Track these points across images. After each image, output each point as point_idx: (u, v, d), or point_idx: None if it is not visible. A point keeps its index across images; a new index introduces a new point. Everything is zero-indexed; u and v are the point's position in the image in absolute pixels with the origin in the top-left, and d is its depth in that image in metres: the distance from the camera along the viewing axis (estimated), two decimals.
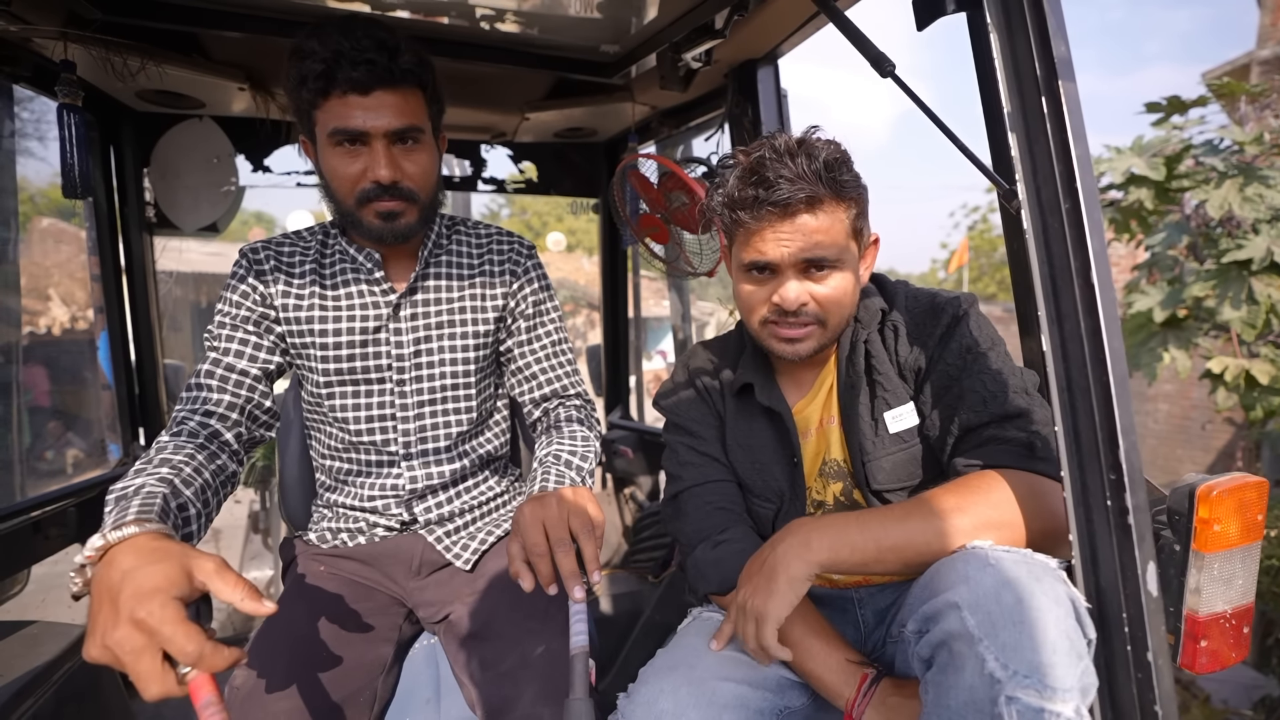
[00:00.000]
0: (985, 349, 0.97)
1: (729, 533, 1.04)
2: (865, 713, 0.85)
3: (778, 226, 0.94)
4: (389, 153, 1.05)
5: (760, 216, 0.94)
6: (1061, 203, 0.75)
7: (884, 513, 0.87)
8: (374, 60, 1.00)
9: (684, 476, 1.10)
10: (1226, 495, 0.80)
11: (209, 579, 0.69)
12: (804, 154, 0.93)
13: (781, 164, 0.92)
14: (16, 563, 1.49)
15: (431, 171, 1.12)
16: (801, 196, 0.92)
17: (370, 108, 1.02)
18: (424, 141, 1.09)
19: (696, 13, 1.41)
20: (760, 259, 0.96)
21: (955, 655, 0.71)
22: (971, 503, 0.84)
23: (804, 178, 0.92)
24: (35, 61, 1.48)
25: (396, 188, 1.06)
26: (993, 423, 0.93)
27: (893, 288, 1.09)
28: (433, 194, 1.14)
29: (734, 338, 1.18)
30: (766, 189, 0.92)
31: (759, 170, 0.94)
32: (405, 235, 1.11)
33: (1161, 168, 3.18)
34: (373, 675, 1.05)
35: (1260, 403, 2.99)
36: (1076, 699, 0.67)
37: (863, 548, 0.83)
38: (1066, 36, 0.76)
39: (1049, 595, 0.70)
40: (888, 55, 1.01)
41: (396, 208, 1.08)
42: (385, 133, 1.03)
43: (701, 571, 1.03)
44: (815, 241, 0.94)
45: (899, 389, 1.02)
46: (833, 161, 0.94)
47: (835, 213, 0.95)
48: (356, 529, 1.19)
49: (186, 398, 1.06)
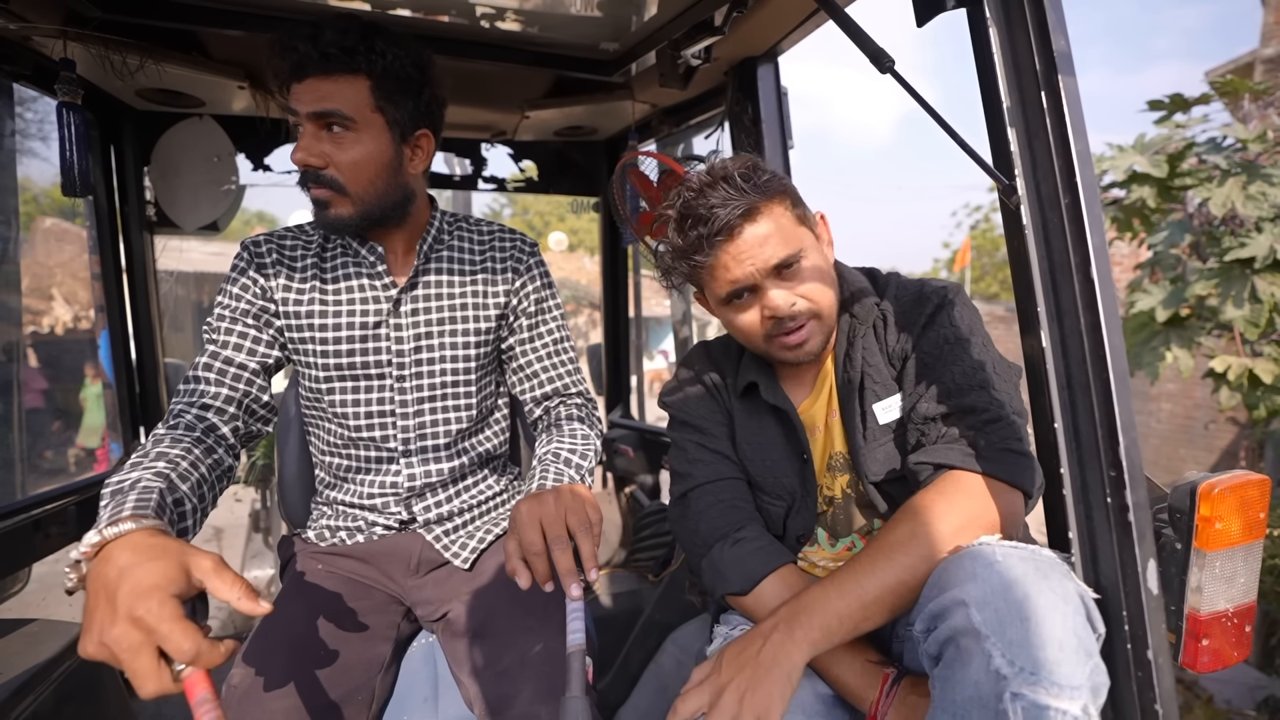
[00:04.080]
0: (963, 338, 0.97)
1: (747, 530, 1.03)
2: (888, 713, 0.85)
3: (731, 250, 0.96)
4: (313, 137, 1.04)
5: (713, 250, 0.97)
6: (1061, 198, 0.75)
7: (855, 568, 0.85)
8: (297, 48, 1.01)
9: (694, 474, 1.09)
10: (1228, 493, 0.79)
11: (206, 577, 0.69)
12: (718, 179, 0.96)
13: (704, 197, 0.96)
14: (17, 561, 1.49)
15: (365, 164, 1.06)
16: (738, 212, 0.94)
17: (303, 92, 1.03)
18: (355, 130, 1.05)
19: (696, 10, 1.41)
20: (734, 285, 0.98)
21: (962, 651, 0.71)
22: (923, 526, 0.85)
23: (730, 197, 0.95)
24: (35, 60, 1.48)
25: (319, 175, 1.05)
26: (952, 415, 0.93)
27: (884, 279, 1.10)
28: (372, 189, 1.08)
29: (735, 339, 1.18)
30: (705, 224, 0.95)
31: (689, 213, 0.97)
32: (334, 227, 1.09)
33: (1164, 165, 3.16)
34: (370, 674, 1.05)
35: (1263, 402, 2.98)
36: (1085, 697, 0.67)
37: (849, 614, 0.83)
38: (1066, 31, 0.75)
39: (1056, 592, 0.70)
40: (886, 51, 1.01)
41: (322, 196, 1.06)
42: (307, 115, 1.03)
43: (721, 572, 1.00)
44: (772, 245, 0.96)
45: (888, 379, 1.02)
46: (746, 171, 0.97)
47: (773, 211, 0.98)
48: (355, 527, 1.19)
49: (184, 390, 1.06)
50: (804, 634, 0.82)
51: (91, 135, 1.73)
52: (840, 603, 0.83)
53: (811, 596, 0.85)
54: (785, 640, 0.82)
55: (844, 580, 0.85)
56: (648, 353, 11.14)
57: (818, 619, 0.83)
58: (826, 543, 1.09)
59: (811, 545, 1.10)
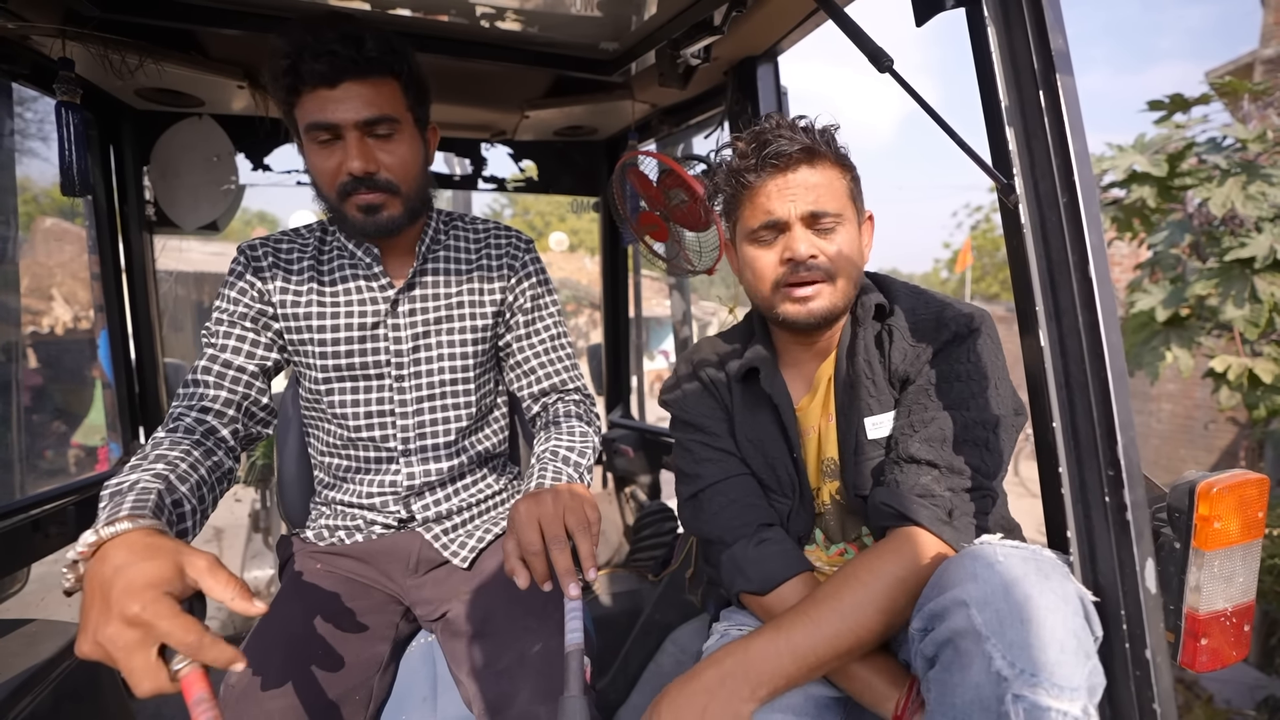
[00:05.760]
0: (973, 377, 0.94)
1: (771, 531, 1.02)
2: (914, 714, 0.84)
3: (780, 181, 0.99)
4: (362, 144, 1.04)
5: (762, 173, 1.00)
6: (1059, 197, 0.75)
7: (807, 620, 0.84)
8: (336, 51, 1.00)
9: (703, 474, 1.08)
10: (1227, 492, 0.79)
11: (201, 576, 0.69)
12: (798, 123, 1.02)
13: (778, 129, 1.01)
14: (16, 561, 1.49)
15: (411, 162, 1.10)
16: (799, 149, 0.98)
17: (339, 99, 1.01)
18: (401, 131, 1.07)
19: (695, 9, 1.41)
20: (768, 217, 1.00)
21: (961, 653, 0.71)
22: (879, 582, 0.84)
23: (799, 136, 0.99)
24: (33, 59, 1.48)
25: (373, 180, 1.06)
26: (938, 467, 0.91)
27: (894, 289, 1.07)
28: (417, 186, 1.12)
29: (741, 328, 1.18)
30: (766, 147, 0.99)
31: (758, 138, 1.01)
32: (389, 229, 1.10)
33: (1164, 165, 3.16)
34: (369, 673, 1.05)
35: (1263, 402, 2.97)
36: (1084, 698, 0.67)
37: (799, 673, 0.83)
38: (1064, 30, 0.75)
39: (1057, 593, 0.70)
40: (885, 50, 1.00)
41: (376, 200, 1.07)
42: (355, 123, 1.03)
43: (742, 569, 0.98)
44: (817, 194, 0.98)
45: (884, 394, 1.00)
46: (826, 129, 1.02)
47: (831, 172, 1.01)
48: (354, 526, 1.19)
49: (183, 394, 1.06)
50: (752, 691, 0.82)
51: (91, 135, 1.73)
52: (791, 663, 0.82)
53: (761, 651, 0.84)
54: (732, 698, 0.81)
55: (795, 634, 0.83)
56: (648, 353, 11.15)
57: (768, 678, 0.82)
58: (823, 544, 1.09)
59: (810, 545, 1.10)
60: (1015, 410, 0.96)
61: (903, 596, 0.83)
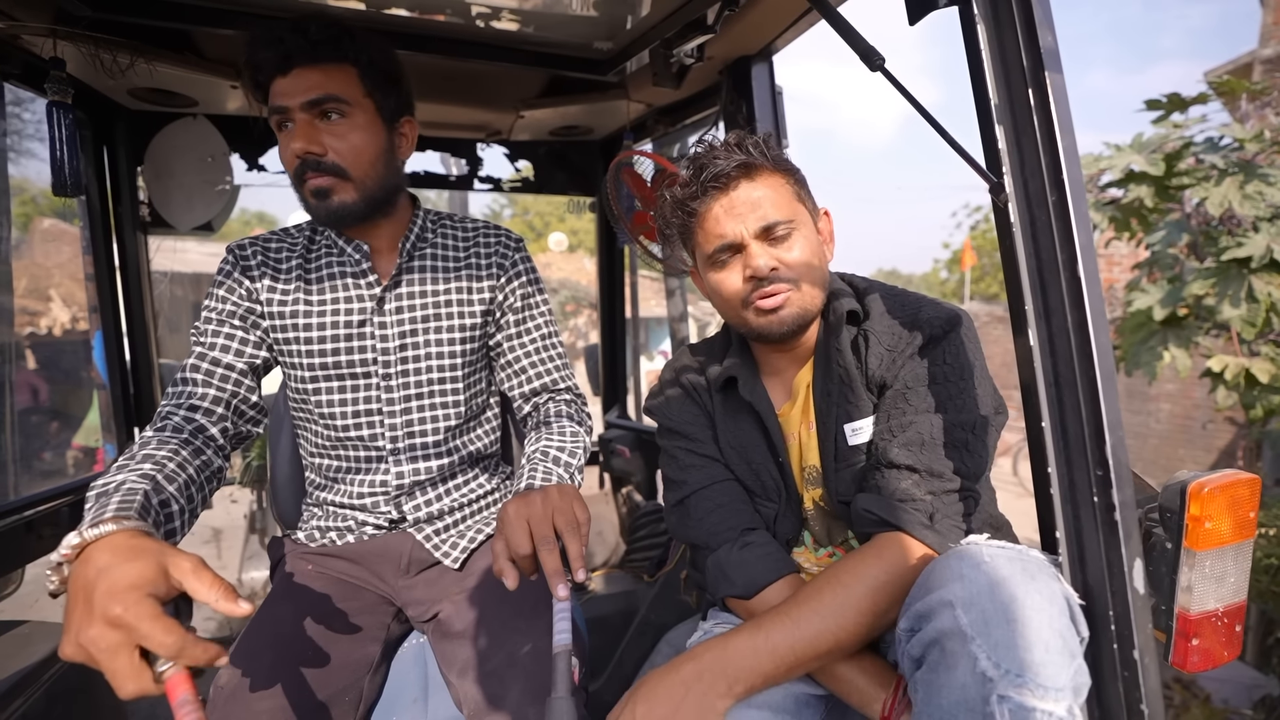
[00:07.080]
0: (950, 379, 0.94)
1: (755, 535, 1.02)
2: (901, 714, 0.84)
3: (725, 202, 0.99)
4: (309, 126, 1.05)
5: (705, 197, 1.00)
6: (1048, 196, 0.75)
7: (788, 620, 0.84)
8: (284, 38, 1.02)
9: (688, 480, 1.08)
10: (1218, 492, 0.79)
11: (185, 577, 0.69)
12: (730, 142, 1.02)
13: (712, 152, 1.01)
14: (10, 562, 1.48)
15: (365, 148, 1.08)
16: (735, 165, 0.98)
17: (290, 83, 1.04)
18: (352, 116, 1.07)
19: (687, 8, 1.40)
20: (721, 240, 0.99)
21: (947, 654, 0.70)
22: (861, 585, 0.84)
23: (733, 152, 0.99)
24: (24, 59, 1.48)
25: (320, 162, 1.05)
26: (918, 471, 0.91)
27: (867, 291, 1.05)
28: (375, 174, 1.10)
29: (720, 336, 1.17)
30: (704, 171, 0.99)
31: (695, 163, 1.01)
32: (341, 214, 1.09)
33: (1161, 165, 3.16)
34: (359, 674, 1.05)
35: (1260, 401, 2.97)
36: (1069, 698, 0.66)
37: (776, 672, 0.83)
38: (1054, 27, 0.75)
39: (1043, 593, 0.70)
40: (877, 49, 1.00)
41: (325, 184, 1.06)
42: (301, 105, 1.04)
43: (726, 574, 0.99)
44: (763, 207, 0.98)
45: (862, 400, 0.99)
46: (760, 140, 1.01)
47: (774, 180, 1.00)
48: (345, 527, 1.19)
49: (172, 393, 1.06)
50: (728, 687, 0.82)
51: (83, 135, 1.73)
52: (769, 662, 0.82)
53: (740, 648, 0.84)
54: (708, 693, 0.81)
55: (775, 633, 0.83)
56: (647, 353, 11.15)
57: (745, 675, 0.82)
58: (812, 545, 1.09)
59: (799, 547, 1.09)
60: (996, 409, 0.95)
61: (884, 600, 0.83)
